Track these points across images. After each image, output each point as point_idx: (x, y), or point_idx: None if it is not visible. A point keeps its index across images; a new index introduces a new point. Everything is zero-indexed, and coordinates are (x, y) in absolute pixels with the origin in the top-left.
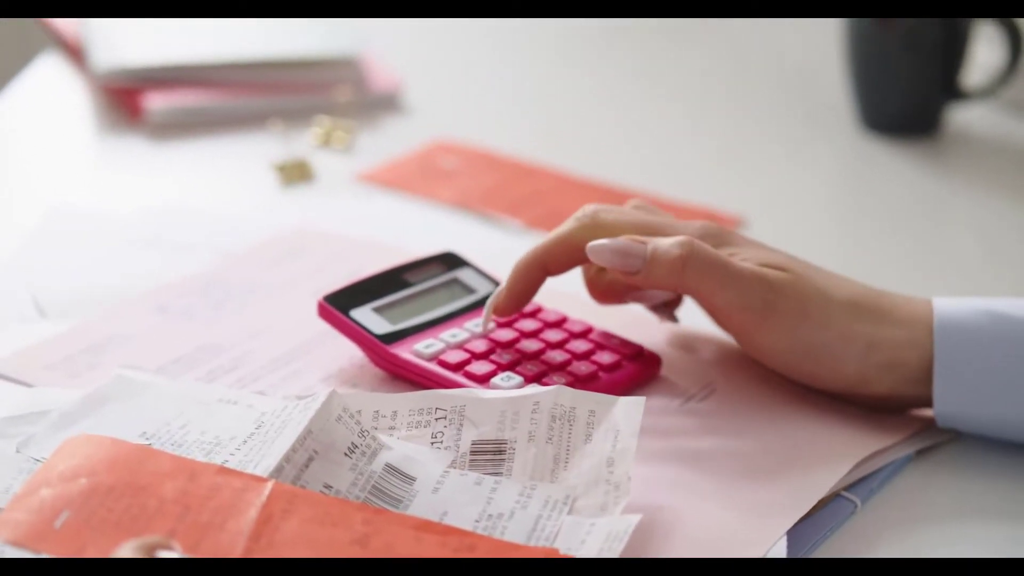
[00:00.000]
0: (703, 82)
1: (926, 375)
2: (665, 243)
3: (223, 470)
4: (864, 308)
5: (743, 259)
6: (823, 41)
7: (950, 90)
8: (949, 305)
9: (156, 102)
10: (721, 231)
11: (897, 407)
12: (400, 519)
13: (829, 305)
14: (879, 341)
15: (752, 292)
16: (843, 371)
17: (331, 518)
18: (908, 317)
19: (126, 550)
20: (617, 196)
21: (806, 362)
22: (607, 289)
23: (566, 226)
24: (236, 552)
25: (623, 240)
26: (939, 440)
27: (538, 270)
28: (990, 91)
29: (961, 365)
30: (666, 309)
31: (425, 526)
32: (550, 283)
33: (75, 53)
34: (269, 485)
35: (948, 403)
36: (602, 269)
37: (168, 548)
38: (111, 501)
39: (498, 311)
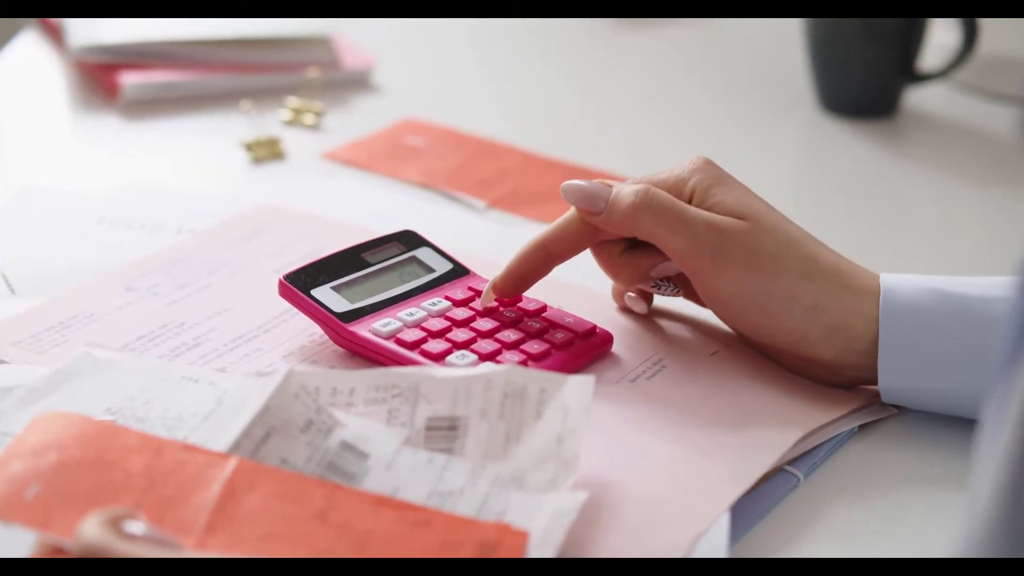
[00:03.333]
0: (667, 65)
1: (871, 346)
2: (625, 189)
3: (188, 447)
4: (818, 269)
5: (712, 204)
6: (785, 26)
7: (907, 72)
8: (895, 282)
9: (131, 79)
10: (710, 170)
11: (845, 380)
12: (358, 495)
13: (782, 259)
14: (826, 304)
15: (701, 239)
16: (786, 325)
17: (291, 494)
18: (859, 286)
19: (92, 521)
20: (582, 175)
21: (751, 311)
22: (623, 270)
23: (571, 211)
24: (199, 524)
25: (593, 182)
26: (882, 415)
27: (539, 251)
28: (946, 73)
29: (906, 341)
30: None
31: (382, 501)
32: (509, 259)
33: (53, 30)
34: (233, 461)
35: (893, 377)
36: (619, 251)
37: (133, 519)
38: (79, 475)
39: (496, 291)
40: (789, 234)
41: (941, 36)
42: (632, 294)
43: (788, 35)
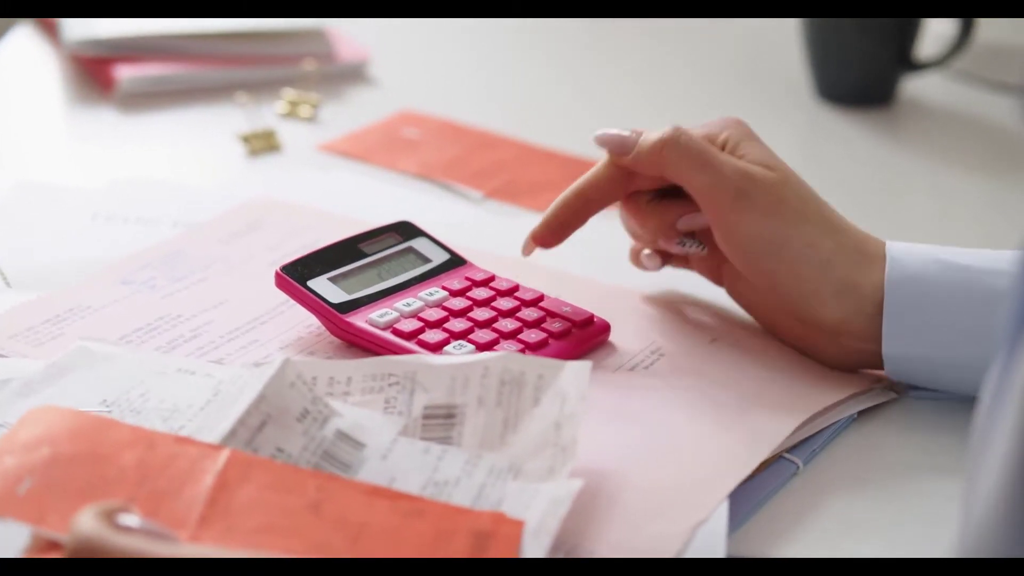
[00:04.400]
0: (664, 54)
1: (877, 310)
2: (655, 132)
3: (180, 439)
4: (836, 228)
5: (742, 154)
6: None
7: (904, 61)
8: (902, 251)
9: (126, 72)
10: (742, 127)
11: (845, 354)
12: (351, 485)
13: (804, 211)
14: (839, 260)
15: (726, 179)
16: (802, 273)
17: (285, 485)
18: (870, 251)
19: (87, 515)
20: (579, 165)
21: (768, 257)
22: (649, 218)
23: (604, 159)
24: (193, 517)
25: (624, 130)
26: (881, 400)
27: (576, 198)
28: (943, 61)
29: (910, 309)
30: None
31: (376, 491)
32: (506, 249)
33: (47, 24)
34: (225, 453)
35: (896, 344)
36: (647, 199)
37: (127, 512)
38: (72, 469)
39: (536, 239)
40: (810, 192)
41: (938, 25)
42: (648, 251)
43: (784, 25)
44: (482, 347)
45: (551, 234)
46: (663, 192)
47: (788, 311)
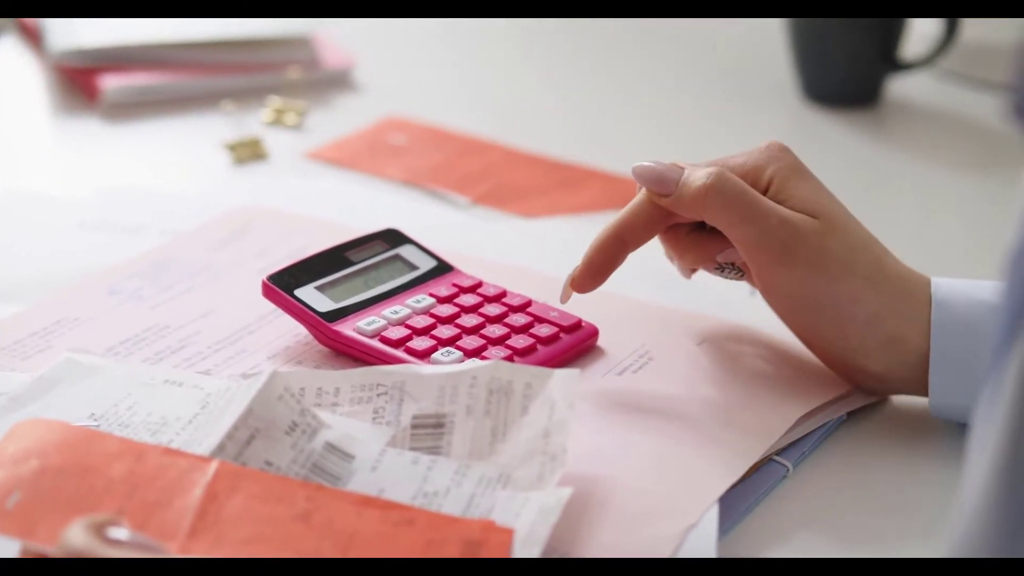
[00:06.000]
0: (648, 55)
1: (922, 360)
2: (697, 171)
3: (169, 451)
4: (883, 276)
5: (787, 196)
6: None
7: (889, 61)
8: (948, 292)
9: (111, 82)
10: (787, 159)
11: (890, 391)
12: (341, 495)
13: (850, 264)
14: (886, 313)
15: (771, 233)
16: (847, 331)
17: (274, 495)
18: (915, 295)
19: (76, 528)
20: (565, 170)
21: (812, 314)
22: (688, 252)
23: (641, 195)
24: (183, 528)
25: (663, 165)
26: (871, 400)
27: (613, 240)
28: (928, 61)
29: (958, 360)
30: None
31: (365, 501)
32: (493, 255)
33: (31, 34)
34: (214, 464)
35: (943, 395)
36: (686, 232)
37: (117, 525)
38: (61, 482)
39: (575, 286)
40: (859, 237)
41: (923, 25)
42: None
43: (769, 25)
44: (470, 353)
45: (590, 279)
46: (701, 223)
47: (829, 356)
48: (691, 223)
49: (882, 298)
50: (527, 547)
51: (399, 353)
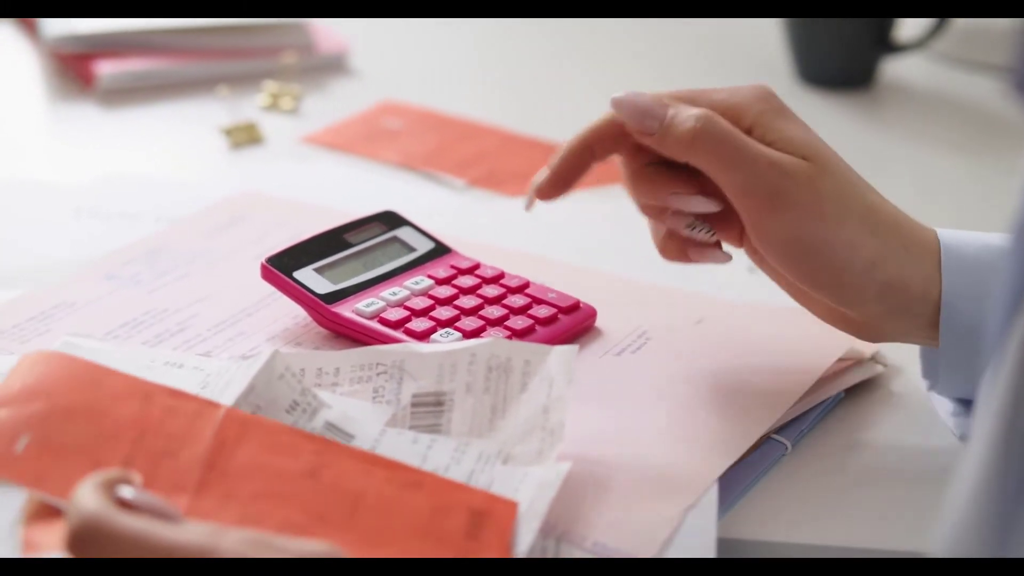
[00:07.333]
0: (643, 38)
1: (925, 306)
2: (684, 112)
3: (176, 392)
4: (880, 221)
5: (775, 139)
6: None
7: (884, 43)
8: (956, 239)
9: (106, 68)
10: (773, 101)
11: (884, 339)
12: (349, 451)
13: (846, 208)
14: (886, 258)
15: (761, 177)
16: (843, 279)
17: (282, 446)
18: (918, 243)
19: (87, 488)
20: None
21: (807, 260)
22: (641, 182)
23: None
24: (192, 481)
25: (648, 98)
26: (869, 375)
27: (583, 151)
28: (923, 43)
29: (970, 295)
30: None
31: (374, 460)
32: (490, 238)
33: (27, 21)
34: (222, 410)
35: (954, 345)
36: (646, 160)
37: (128, 482)
38: (69, 425)
39: (540, 194)
40: (852, 180)
41: None
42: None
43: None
44: (469, 335)
45: (555, 187)
46: (666, 161)
47: (826, 305)
48: (654, 157)
49: (880, 242)
50: (527, 521)
51: (398, 334)
